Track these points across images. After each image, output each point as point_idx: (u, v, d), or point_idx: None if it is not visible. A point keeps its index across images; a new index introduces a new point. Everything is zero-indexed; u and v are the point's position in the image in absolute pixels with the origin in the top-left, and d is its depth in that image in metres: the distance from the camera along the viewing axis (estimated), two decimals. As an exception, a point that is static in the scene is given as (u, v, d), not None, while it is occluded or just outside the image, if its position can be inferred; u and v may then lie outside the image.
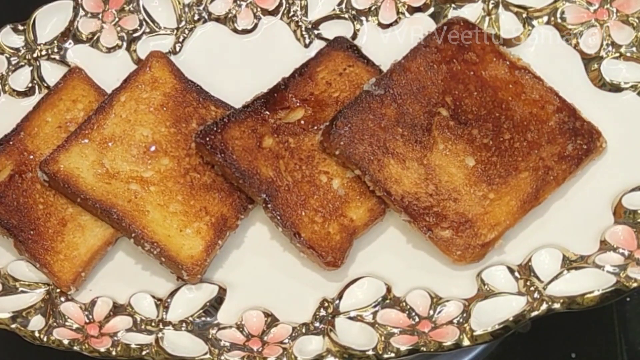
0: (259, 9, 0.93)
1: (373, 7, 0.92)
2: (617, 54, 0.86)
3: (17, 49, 0.93)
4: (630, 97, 0.85)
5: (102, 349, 0.77)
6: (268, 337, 0.78)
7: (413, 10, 0.91)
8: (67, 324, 0.80)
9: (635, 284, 0.72)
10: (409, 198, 0.79)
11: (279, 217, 0.80)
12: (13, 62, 0.92)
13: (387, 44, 0.91)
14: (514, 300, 0.75)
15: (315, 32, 0.92)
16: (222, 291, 0.81)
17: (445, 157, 0.81)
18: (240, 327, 0.79)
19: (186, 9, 0.94)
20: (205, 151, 0.82)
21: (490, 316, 0.74)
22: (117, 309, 0.81)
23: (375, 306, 0.79)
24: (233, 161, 0.81)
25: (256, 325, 0.79)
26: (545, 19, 0.89)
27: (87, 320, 0.80)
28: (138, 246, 0.81)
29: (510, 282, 0.77)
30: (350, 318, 0.78)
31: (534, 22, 0.89)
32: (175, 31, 0.93)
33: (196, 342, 0.78)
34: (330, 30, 0.91)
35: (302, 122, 0.84)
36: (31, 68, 0.92)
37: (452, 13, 0.90)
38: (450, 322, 0.76)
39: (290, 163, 0.82)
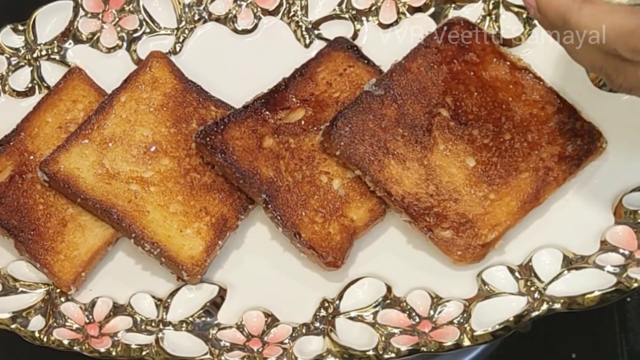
0: (259, 9, 0.93)
1: (373, 7, 0.92)
2: (618, 54, 0.86)
3: (17, 49, 0.92)
4: (630, 98, 0.84)
5: (102, 349, 0.77)
6: (268, 337, 0.78)
7: (413, 10, 0.91)
8: (67, 324, 0.80)
9: (635, 284, 0.72)
10: (410, 198, 0.79)
11: (279, 217, 0.80)
12: (13, 62, 0.92)
13: (387, 44, 0.91)
14: (514, 300, 0.75)
15: (316, 32, 0.92)
16: (222, 291, 0.81)
17: (445, 157, 0.81)
18: (240, 328, 0.79)
19: (186, 9, 0.93)
20: (206, 151, 0.82)
21: (491, 316, 0.74)
22: (117, 309, 0.81)
23: (375, 306, 0.78)
24: (233, 161, 0.81)
25: (256, 325, 0.79)
26: (546, 19, 0.89)
27: (87, 321, 0.80)
28: (138, 246, 0.81)
29: (511, 282, 0.77)
30: (351, 318, 0.78)
31: (535, 22, 0.88)
32: (175, 31, 0.93)
33: (196, 342, 0.78)
34: (331, 30, 0.91)
35: (303, 122, 0.84)
36: (31, 68, 0.92)
37: (452, 13, 0.90)
38: (451, 322, 0.76)
39: (290, 163, 0.82)
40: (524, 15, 0.89)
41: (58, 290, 0.82)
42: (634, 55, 0.61)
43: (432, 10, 0.91)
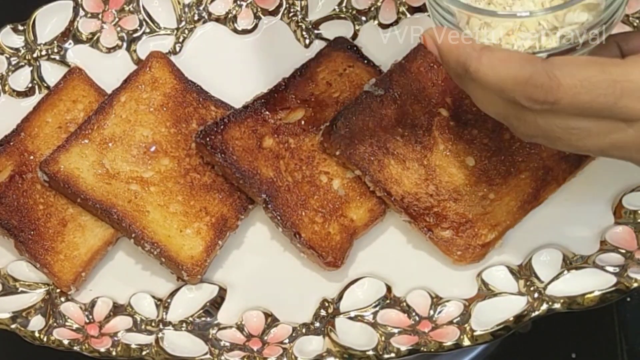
0: (259, 9, 0.93)
1: (373, 7, 0.92)
2: (618, 54, 0.86)
3: (17, 49, 0.92)
4: (630, 97, 0.85)
5: (102, 349, 0.77)
6: (268, 337, 0.78)
7: (413, 10, 0.91)
8: (67, 324, 0.79)
9: (635, 284, 0.72)
10: (409, 198, 0.79)
11: (279, 217, 0.80)
12: (13, 62, 0.92)
13: (387, 44, 0.91)
14: (514, 300, 0.75)
15: (316, 32, 0.92)
16: (222, 291, 0.81)
17: (445, 157, 0.81)
18: (240, 327, 0.79)
19: (186, 9, 0.93)
20: (206, 151, 0.82)
21: (491, 316, 0.74)
22: (117, 309, 0.81)
23: (375, 306, 0.78)
24: (233, 161, 0.81)
25: (256, 325, 0.79)
26: (546, 19, 0.89)
27: (87, 321, 0.80)
28: (138, 246, 0.81)
29: (511, 282, 0.77)
30: (351, 318, 0.78)
31: (534, 22, 0.88)
32: (175, 31, 0.93)
33: (196, 342, 0.78)
34: (331, 30, 0.91)
35: (303, 122, 0.84)
36: (31, 68, 0.92)
37: (452, 13, 0.90)
38: (451, 322, 0.75)
39: (290, 163, 0.82)
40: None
41: (58, 290, 0.81)
42: (530, 104, 0.60)
43: (432, 10, 0.91)
